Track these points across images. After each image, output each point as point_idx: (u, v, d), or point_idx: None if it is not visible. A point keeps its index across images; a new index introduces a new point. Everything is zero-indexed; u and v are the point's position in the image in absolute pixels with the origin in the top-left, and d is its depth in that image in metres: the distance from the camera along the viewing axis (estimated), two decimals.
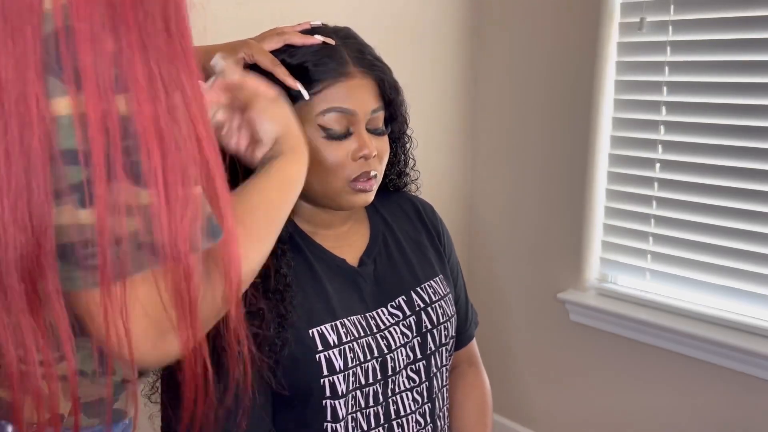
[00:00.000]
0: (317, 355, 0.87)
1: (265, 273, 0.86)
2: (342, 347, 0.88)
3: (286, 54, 0.87)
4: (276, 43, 0.87)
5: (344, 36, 0.91)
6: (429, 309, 0.99)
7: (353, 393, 0.90)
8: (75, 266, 0.50)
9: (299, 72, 0.86)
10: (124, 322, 0.52)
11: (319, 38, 0.87)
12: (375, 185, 0.92)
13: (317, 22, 0.91)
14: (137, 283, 0.52)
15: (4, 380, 0.61)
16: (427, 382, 0.98)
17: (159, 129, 0.49)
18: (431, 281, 1.02)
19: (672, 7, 1.70)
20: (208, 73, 0.81)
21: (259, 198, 0.69)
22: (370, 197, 0.92)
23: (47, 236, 0.49)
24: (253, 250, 0.66)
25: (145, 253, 0.51)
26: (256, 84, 0.77)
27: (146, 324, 0.54)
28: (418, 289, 1.00)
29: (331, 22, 0.94)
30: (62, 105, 0.47)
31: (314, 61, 0.86)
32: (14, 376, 0.54)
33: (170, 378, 0.87)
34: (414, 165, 1.09)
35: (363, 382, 0.91)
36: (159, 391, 0.91)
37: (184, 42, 0.53)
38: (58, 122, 0.47)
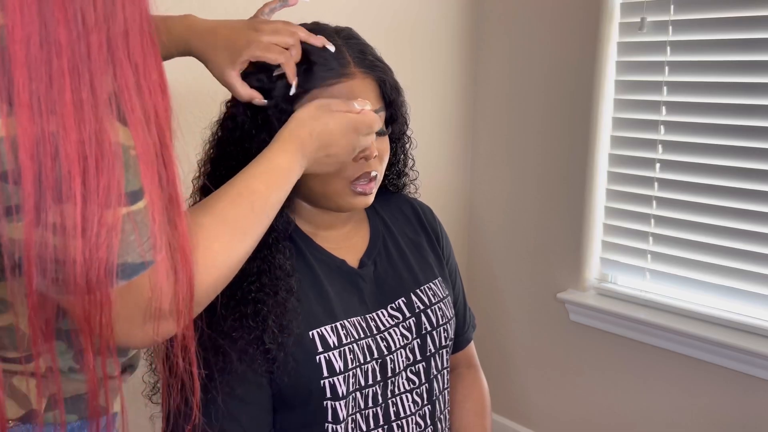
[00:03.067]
0: (317, 357, 0.87)
1: (259, 268, 0.86)
2: (342, 349, 0.88)
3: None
4: (286, 39, 0.85)
5: (346, 36, 0.91)
6: (429, 311, 0.99)
7: (353, 394, 0.90)
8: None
9: (301, 71, 0.86)
10: (102, 324, 0.53)
11: (322, 40, 0.87)
12: (375, 187, 0.92)
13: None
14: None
15: None
16: (427, 384, 0.98)
17: (84, 164, 0.48)
18: (431, 283, 1.02)
19: (672, 7, 1.70)
20: (198, 50, 0.82)
21: (243, 188, 0.69)
22: (370, 200, 0.92)
23: None
24: (236, 241, 0.66)
25: (62, 273, 0.51)
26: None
27: (129, 320, 0.55)
28: (418, 291, 0.99)
29: (333, 23, 0.94)
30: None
31: (316, 62, 0.86)
32: None
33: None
34: (413, 165, 1.09)
35: (363, 383, 0.91)
36: (160, 391, 0.91)
37: (133, 62, 0.52)
38: None
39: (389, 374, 0.93)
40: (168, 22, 0.85)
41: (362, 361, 0.90)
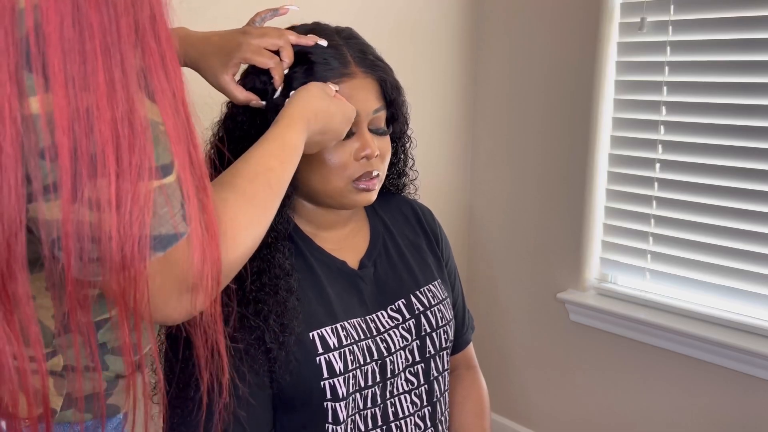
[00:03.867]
0: (318, 358, 0.87)
1: (259, 268, 0.86)
2: (342, 350, 0.88)
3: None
4: (274, 41, 0.86)
5: (346, 36, 0.91)
6: (428, 312, 0.99)
7: (353, 395, 0.90)
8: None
9: (302, 72, 0.86)
10: (137, 298, 0.54)
11: (313, 38, 0.87)
12: (378, 184, 0.92)
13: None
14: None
15: None
16: (426, 385, 0.98)
17: (116, 139, 0.50)
18: (430, 285, 1.02)
19: (672, 7, 1.70)
20: (192, 59, 0.84)
21: (259, 166, 0.70)
22: (373, 196, 0.92)
23: (18, 240, 0.51)
24: (256, 216, 0.67)
25: (96, 251, 0.52)
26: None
27: (165, 292, 0.56)
28: (418, 292, 0.99)
29: (333, 23, 0.94)
30: (34, 104, 0.49)
31: (316, 61, 0.86)
32: None
33: (175, 374, 0.87)
34: (413, 165, 1.09)
35: (363, 384, 0.91)
36: (160, 391, 0.90)
37: (160, 45, 0.54)
38: (33, 121, 0.49)
39: (388, 375, 0.93)
40: None
41: (362, 363, 0.90)
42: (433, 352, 0.99)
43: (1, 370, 0.55)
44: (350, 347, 0.89)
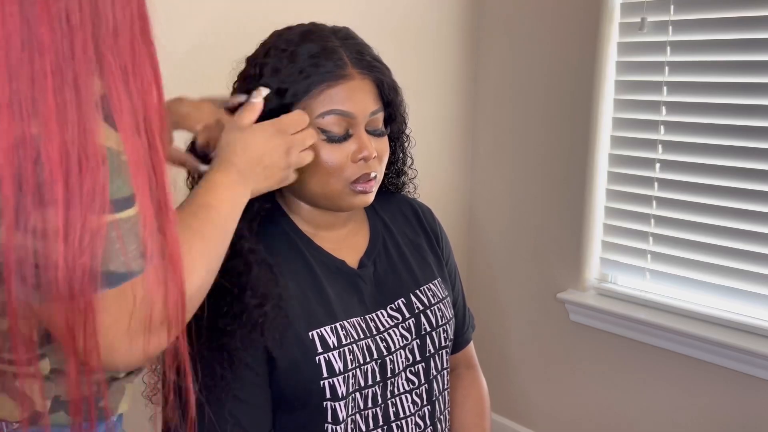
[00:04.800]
0: (317, 358, 0.87)
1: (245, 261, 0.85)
2: (342, 349, 0.88)
3: (285, 57, 0.86)
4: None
5: (343, 37, 0.90)
6: (428, 312, 0.99)
7: (353, 395, 0.90)
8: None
9: (298, 73, 0.86)
10: (86, 334, 0.51)
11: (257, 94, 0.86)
12: (375, 186, 0.92)
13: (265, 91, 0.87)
14: (105, 295, 0.52)
15: None
16: (426, 385, 0.98)
17: (65, 159, 0.47)
18: (430, 284, 1.02)
19: (672, 7, 1.70)
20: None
21: (196, 205, 0.70)
22: (370, 198, 0.92)
23: None
24: (206, 249, 0.66)
25: (43, 279, 0.50)
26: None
27: (114, 332, 0.53)
28: (417, 291, 0.99)
29: (332, 23, 0.94)
30: None
31: (313, 64, 0.85)
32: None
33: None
34: (412, 164, 1.09)
35: (362, 384, 0.91)
36: (160, 392, 0.91)
37: (123, 62, 0.50)
38: None
39: (389, 375, 0.93)
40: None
41: (362, 362, 0.90)
42: (432, 351, 0.99)
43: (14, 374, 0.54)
44: (350, 346, 0.89)
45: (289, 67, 0.86)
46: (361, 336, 0.91)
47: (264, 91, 0.84)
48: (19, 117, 0.46)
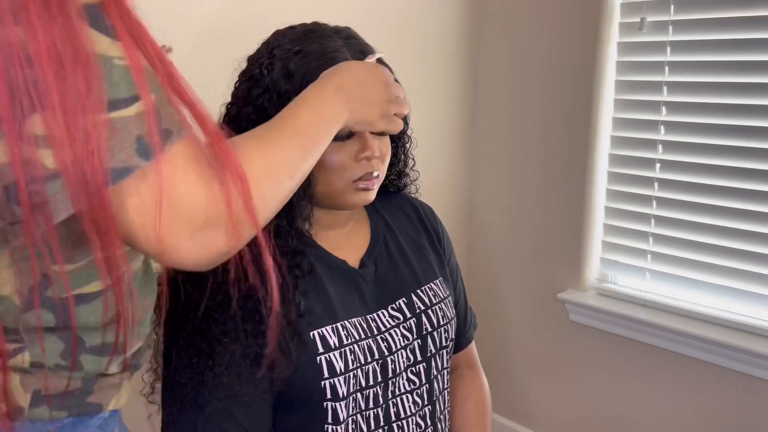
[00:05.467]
0: (318, 358, 0.86)
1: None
2: (343, 349, 0.88)
3: (288, 56, 0.86)
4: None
5: (345, 36, 0.90)
6: (429, 311, 0.99)
7: (354, 395, 0.90)
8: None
9: (301, 73, 0.86)
10: (107, 224, 0.52)
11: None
12: (377, 184, 0.92)
13: (379, 54, 0.90)
14: (164, 172, 0.53)
15: None
16: (427, 385, 0.98)
17: (55, 57, 0.48)
18: (431, 283, 1.01)
19: (672, 7, 1.70)
20: None
21: (292, 130, 0.69)
22: (372, 195, 0.92)
23: None
24: (280, 160, 0.65)
25: (57, 186, 0.50)
26: None
27: (178, 218, 0.54)
28: (419, 291, 0.99)
29: (333, 23, 0.94)
30: None
31: (316, 64, 0.85)
32: None
33: (170, 378, 0.87)
34: (414, 165, 1.09)
35: (363, 384, 0.91)
36: (159, 391, 0.91)
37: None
38: None
39: (390, 375, 0.93)
40: None
41: (363, 362, 0.90)
42: (434, 351, 0.99)
43: None
44: (351, 347, 0.89)
45: (292, 67, 0.86)
46: (362, 336, 0.91)
47: (379, 54, 0.86)
48: (2, 25, 0.46)
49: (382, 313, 0.95)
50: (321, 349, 0.87)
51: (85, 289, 0.63)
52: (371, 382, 0.91)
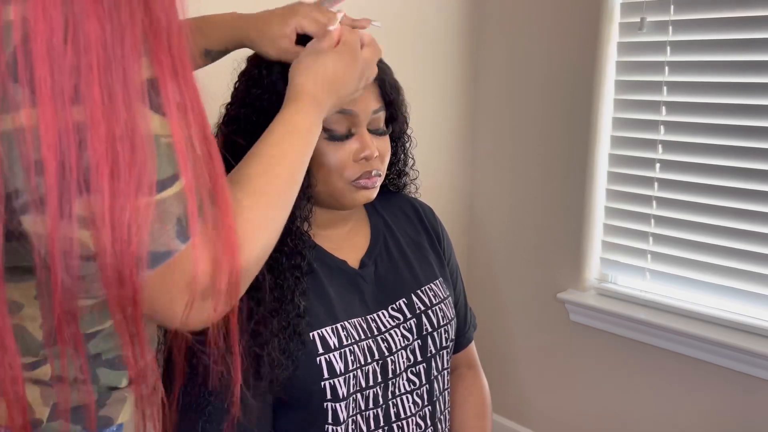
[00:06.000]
0: (318, 358, 0.86)
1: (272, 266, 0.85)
2: (343, 350, 0.88)
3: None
4: (328, 15, 0.86)
5: None
6: (429, 312, 0.99)
7: (354, 396, 0.90)
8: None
9: None
10: (135, 315, 0.53)
11: (367, 21, 0.88)
12: (378, 182, 0.92)
13: (377, 23, 0.90)
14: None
15: None
16: (427, 385, 0.98)
17: (113, 154, 0.48)
18: (431, 284, 1.01)
19: (672, 7, 1.70)
20: (251, 38, 0.85)
21: (269, 155, 0.69)
22: (373, 194, 0.92)
23: None
24: (270, 213, 0.66)
25: (92, 267, 0.50)
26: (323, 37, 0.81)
27: (163, 305, 0.55)
28: (419, 291, 0.99)
29: None
30: (21, 118, 0.47)
31: None
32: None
33: (170, 379, 0.87)
34: (413, 164, 1.09)
35: (363, 384, 0.91)
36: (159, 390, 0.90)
37: (173, 55, 0.52)
38: (21, 135, 0.47)
39: (390, 375, 0.93)
40: (213, 18, 0.89)
41: (363, 363, 0.90)
42: (434, 351, 0.99)
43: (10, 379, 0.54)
44: (351, 347, 0.89)
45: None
46: (362, 336, 0.91)
47: (339, 15, 0.85)
48: (62, 106, 0.47)
49: (382, 313, 0.95)
50: (321, 350, 0.87)
51: (105, 325, 0.65)
52: (371, 383, 0.91)
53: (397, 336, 0.95)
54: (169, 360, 0.86)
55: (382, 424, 0.93)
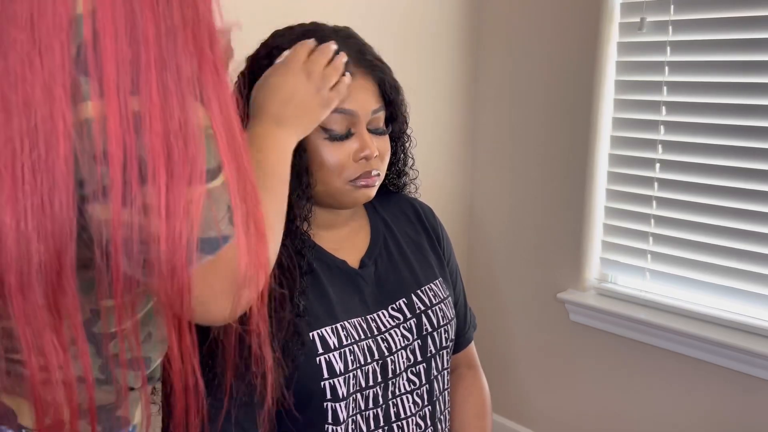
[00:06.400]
0: (318, 358, 0.86)
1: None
2: (342, 350, 0.88)
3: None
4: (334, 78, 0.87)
5: (344, 36, 0.90)
6: (429, 312, 0.99)
7: (354, 396, 0.90)
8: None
9: None
10: (184, 304, 0.55)
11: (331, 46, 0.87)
12: (377, 182, 0.92)
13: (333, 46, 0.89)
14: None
15: (15, 387, 0.61)
16: (427, 385, 0.98)
17: (168, 146, 0.51)
18: (431, 284, 1.01)
19: (672, 7, 1.70)
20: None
21: (266, 162, 0.74)
22: (372, 192, 0.92)
23: (68, 252, 0.52)
24: (281, 208, 0.71)
25: (152, 253, 0.52)
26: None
27: (209, 294, 0.57)
28: (419, 291, 0.99)
29: (332, 23, 0.94)
30: (89, 109, 0.50)
31: None
32: (35, 385, 0.56)
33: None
34: (413, 164, 1.09)
35: (363, 384, 0.91)
36: (159, 392, 0.90)
37: (215, 55, 0.56)
38: (87, 126, 0.50)
39: (390, 375, 0.93)
40: None
41: (363, 363, 0.90)
42: (434, 351, 0.99)
43: (48, 381, 0.56)
44: (351, 347, 0.89)
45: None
46: (362, 336, 0.91)
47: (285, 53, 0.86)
48: (124, 101, 0.50)
49: (382, 313, 0.95)
50: (321, 350, 0.87)
51: (124, 325, 0.65)
52: (371, 383, 0.91)
53: (397, 336, 0.95)
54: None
55: (382, 424, 0.93)
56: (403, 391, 0.95)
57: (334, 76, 0.84)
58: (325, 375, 0.86)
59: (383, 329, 0.94)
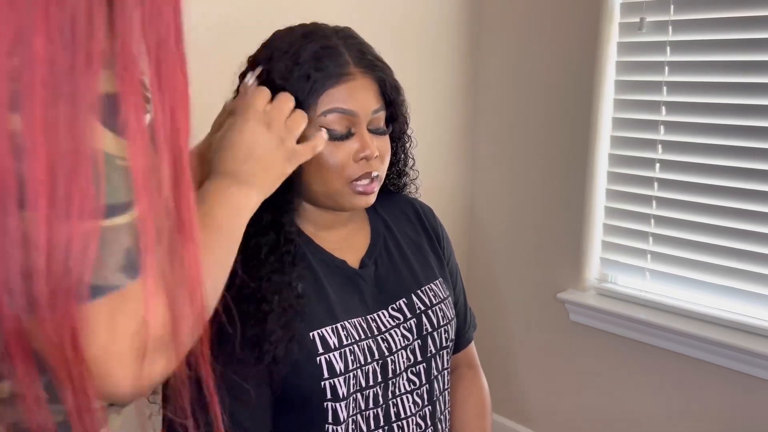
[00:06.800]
0: (318, 358, 0.86)
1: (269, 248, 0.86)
2: (342, 350, 0.88)
3: (287, 58, 0.86)
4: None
5: (345, 36, 0.90)
6: (429, 312, 0.99)
7: (354, 396, 0.90)
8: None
9: (301, 74, 0.86)
10: (74, 351, 0.48)
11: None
12: (377, 186, 0.92)
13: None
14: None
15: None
16: (427, 385, 0.98)
17: (51, 169, 0.45)
18: (431, 284, 1.01)
19: (672, 7, 1.70)
20: None
21: (205, 217, 0.69)
22: (371, 199, 0.92)
23: None
24: (221, 263, 0.66)
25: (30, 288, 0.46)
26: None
27: (105, 353, 0.50)
28: (419, 291, 0.99)
29: (333, 23, 0.94)
30: None
31: (315, 64, 0.85)
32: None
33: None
34: (413, 164, 1.09)
35: (363, 384, 0.91)
36: (159, 391, 0.90)
37: (163, 73, 0.49)
38: None
39: (390, 375, 0.93)
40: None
41: (363, 363, 0.90)
42: (434, 351, 0.99)
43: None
44: (351, 347, 0.89)
45: (292, 68, 0.86)
46: (362, 336, 0.91)
47: (252, 77, 0.84)
48: (2, 116, 0.44)
49: (383, 313, 0.95)
50: (321, 350, 0.87)
51: None
52: (371, 383, 0.91)
53: (397, 336, 0.95)
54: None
55: (382, 423, 0.93)
56: (403, 391, 0.95)
57: (300, 124, 0.79)
58: (326, 375, 0.86)
59: (383, 329, 0.94)
